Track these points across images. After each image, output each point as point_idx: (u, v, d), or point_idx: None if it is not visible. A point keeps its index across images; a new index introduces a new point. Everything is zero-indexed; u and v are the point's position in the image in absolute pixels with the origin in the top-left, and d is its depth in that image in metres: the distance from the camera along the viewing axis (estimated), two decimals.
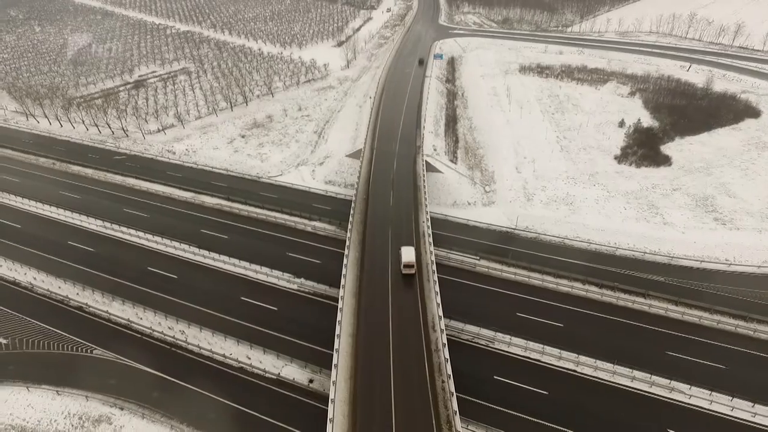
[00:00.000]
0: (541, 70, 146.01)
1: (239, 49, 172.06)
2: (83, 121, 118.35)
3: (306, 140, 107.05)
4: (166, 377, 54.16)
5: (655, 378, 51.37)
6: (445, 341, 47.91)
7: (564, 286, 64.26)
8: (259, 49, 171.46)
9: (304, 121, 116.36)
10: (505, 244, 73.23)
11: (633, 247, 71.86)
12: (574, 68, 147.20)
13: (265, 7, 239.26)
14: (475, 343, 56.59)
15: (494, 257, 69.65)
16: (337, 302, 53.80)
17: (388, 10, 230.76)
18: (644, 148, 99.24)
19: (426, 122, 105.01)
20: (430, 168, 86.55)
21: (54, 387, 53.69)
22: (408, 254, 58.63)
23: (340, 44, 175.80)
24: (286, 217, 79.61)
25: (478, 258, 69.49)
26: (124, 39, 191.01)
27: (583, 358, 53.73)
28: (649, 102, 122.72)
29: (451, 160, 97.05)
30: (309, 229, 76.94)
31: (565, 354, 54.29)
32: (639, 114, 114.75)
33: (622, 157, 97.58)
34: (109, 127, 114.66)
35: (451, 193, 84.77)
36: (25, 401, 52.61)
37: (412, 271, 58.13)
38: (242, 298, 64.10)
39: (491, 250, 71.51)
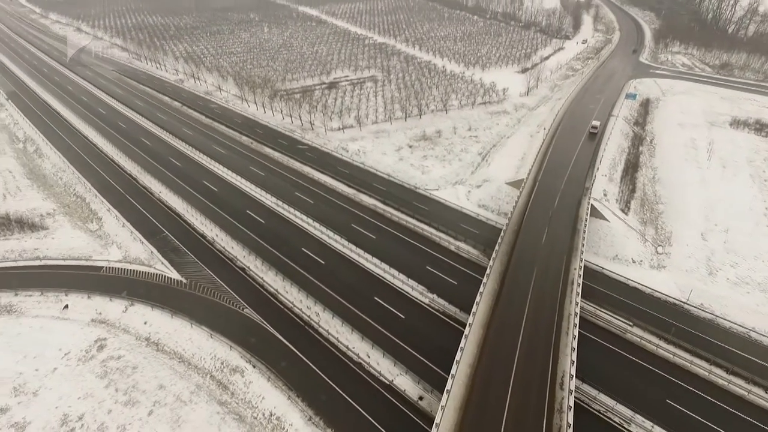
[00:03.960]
0: (761, 127, 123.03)
1: (425, 65, 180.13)
2: (281, 111, 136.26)
3: (469, 160, 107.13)
4: (295, 351, 59.03)
5: None
6: (572, 404, 43.23)
7: (738, 387, 52.88)
8: (443, 67, 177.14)
9: (471, 142, 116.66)
10: (668, 317, 63.22)
11: None
12: None
13: (457, 27, 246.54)
14: (607, 417, 49.93)
15: (651, 328, 60.66)
16: (464, 328, 52.47)
17: (584, 41, 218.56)
18: None
19: (601, 164, 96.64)
20: (594, 213, 79.39)
21: (209, 330, 62.59)
22: (595, 122, 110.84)
23: (524, 71, 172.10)
24: (433, 231, 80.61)
25: (630, 324, 61.33)
26: (329, 44, 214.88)
27: None
28: None
29: (622, 210, 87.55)
30: (452, 248, 76.69)
31: None
32: None
33: None
34: (300, 120, 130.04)
35: (614, 246, 76.46)
36: (187, 335, 62.34)
37: (596, 131, 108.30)
38: (375, 297, 66.66)
39: (649, 319, 62.43)
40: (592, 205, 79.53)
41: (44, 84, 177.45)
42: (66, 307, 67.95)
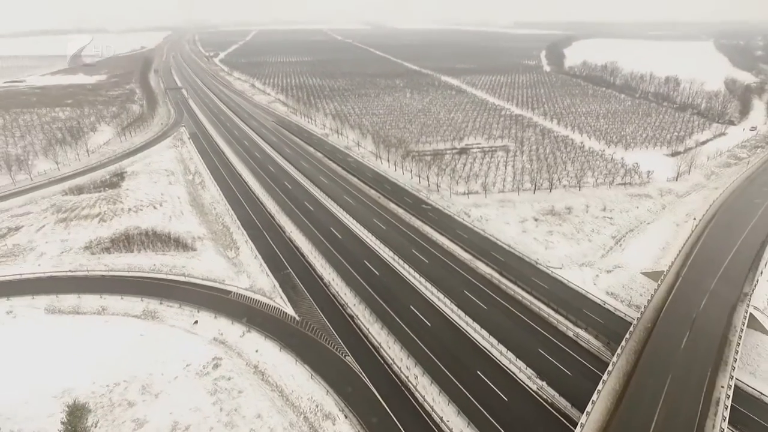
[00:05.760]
0: None
1: (561, 139, 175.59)
2: (411, 171, 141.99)
3: (600, 242, 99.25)
4: (388, 410, 57.65)
5: None
6: None
7: None
8: (581, 143, 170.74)
9: (604, 223, 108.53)
10: None
11: None
12: None
13: (601, 104, 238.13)
14: None
15: None
16: (575, 428, 46.76)
17: (753, 128, 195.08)
18: None
19: (767, 267, 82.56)
20: (754, 324, 67.21)
21: (311, 370, 64.34)
22: None
23: (674, 154, 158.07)
24: (551, 312, 74.84)
25: None
26: (465, 112, 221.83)
27: None
28: None
29: None
30: (570, 334, 70.13)
31: None
32: None
33: None
34: (428, 181, 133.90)
35: None
36: (291, 371, 64.79)
37: None
38: (478, 372, 63.03)
39: None
40: (751, 313, 67.53)
41: (218, 128, 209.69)
42: (196, 322, 75.64)
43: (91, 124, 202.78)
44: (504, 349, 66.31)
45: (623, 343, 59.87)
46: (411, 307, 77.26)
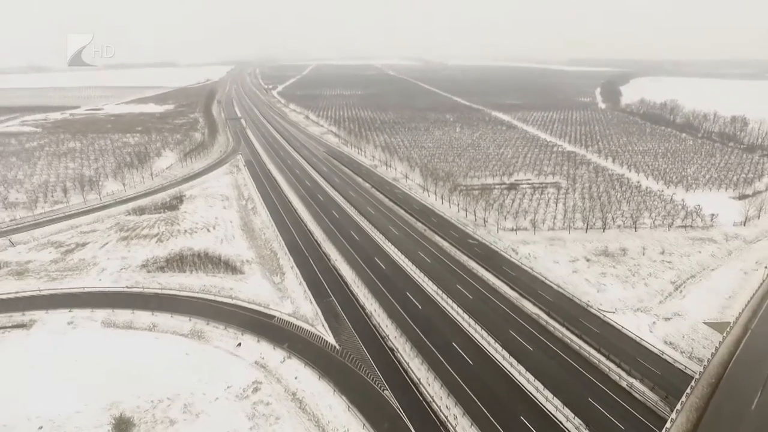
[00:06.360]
0: None
1: (616, 177, 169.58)
2: (458, 204, 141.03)
3: (657, 287, 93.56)
4: None
5: None
6: None
7: None
8: (638, 182, 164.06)
9: (662, 266, 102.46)
10: None
11: None
12: None
13: (660, 143, 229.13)
14: None
15: None
16: None
17: None
18: None
19: None
20: None
21: (348, 402, 63.37)
22: None
23: (741, 197, 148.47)
24: (602, 359, 70.49)
25: None
26: (515, 147, 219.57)
27: None
28: None
29: None
30: (623, 384, 65.62)
31: None
32: None
33: None
34: (474, 215, 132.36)
35: None
36: (328, 401, 64.12)
37: None
38: (522, 417, 59.89)
39: None
40: None
41: (272, 157, 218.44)
42: (239, 344, 76.96)
43: (157, 149, 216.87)
44: (550, 395, 62.84)
45: (683, 398, 55.28)
46: (453, 343, 75.26)
